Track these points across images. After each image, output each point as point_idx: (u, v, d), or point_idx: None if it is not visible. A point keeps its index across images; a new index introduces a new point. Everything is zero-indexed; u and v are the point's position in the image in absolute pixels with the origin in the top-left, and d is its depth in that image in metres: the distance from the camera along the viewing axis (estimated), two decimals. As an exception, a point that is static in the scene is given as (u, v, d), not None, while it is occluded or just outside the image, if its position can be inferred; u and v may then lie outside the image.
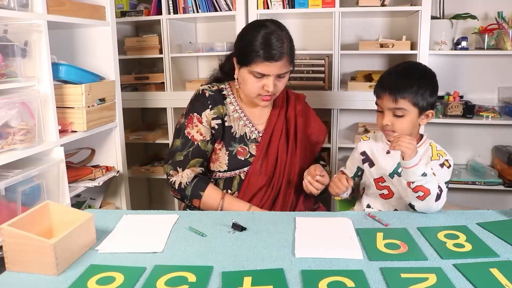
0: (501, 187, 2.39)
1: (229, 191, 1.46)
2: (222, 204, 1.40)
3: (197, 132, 1.45)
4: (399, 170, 1.35)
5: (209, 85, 1.53)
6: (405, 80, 1.28)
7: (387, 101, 1.29)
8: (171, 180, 1.44)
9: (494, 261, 0.94)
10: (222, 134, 1.47)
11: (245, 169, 1.46)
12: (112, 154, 2.09)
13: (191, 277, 0.89)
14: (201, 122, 1.45)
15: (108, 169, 2.02)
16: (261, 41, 1.34)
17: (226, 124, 1.47)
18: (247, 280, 0.88)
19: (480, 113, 2.42)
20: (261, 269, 0.93)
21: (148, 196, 2.93)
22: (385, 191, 1.41)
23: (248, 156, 1.46)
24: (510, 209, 1.23)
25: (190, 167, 1.43)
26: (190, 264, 0.95)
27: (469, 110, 2.40)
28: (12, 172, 1.45)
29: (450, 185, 2.40)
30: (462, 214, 1.21)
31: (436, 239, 1.05)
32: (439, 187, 1.23)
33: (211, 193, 1.41)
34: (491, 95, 2.57)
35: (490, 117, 2.40)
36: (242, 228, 1.12)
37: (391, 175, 1.38)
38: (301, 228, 1.13)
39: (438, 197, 1.21)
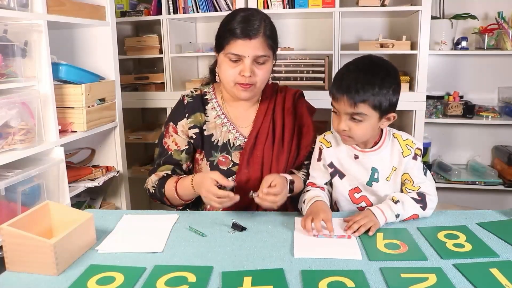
0: (501, 187, 2.39)
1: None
2: (177, 193, 1.31)
3: (172, 141, 1.41)
4: (376, 176, 1.22)
5: (192, 90, 1.46)
6: (366, 81, 1.10)
7: (344, 105, 1.12)
8: (144, 187, 1.44)
9: (494, 261, 0.94)
10: (202, 143, 1.39)
11: (229, 179, 1.32)
12: (112, 154, 2.09)
13: (191, 277, 0.89)
14: (176, 132, 1.40)
15: (108, 169, 2.02)
16: (236, 20, 1.29)
17: (205, 133, 1.39)
18: (247, 280, 0.87)
19: (480, 113, 2.43)
20: (261, 269, 0.93)
21: (148, 196, 2.93)
22: (363, 204, 1.25)
23: (231, 166, 1.36)
24: (510, 209, 1.23)
25: (156, 173, 1.41)
26: (190, 264, 0.95)
27: (469, 110, 2.40)
28: (12, 172, 1.45)
29: (450, 185, 2.41)
30: (462, 214, 1.21)
31: (436, 239, 1.05)
32: (419, 195, 1.17)
33: (168, 186, 1.34)
34: (491, 95, 2.57)
35: (490, 117, 2.40)
36: (242, 228, 1.12)
37: (369, 183, 1.22)
38: (300, 228, 1.12)
39: (424, 206, 1.16)
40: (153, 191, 1.38)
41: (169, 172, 1.39)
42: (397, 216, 1.14)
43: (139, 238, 1.09)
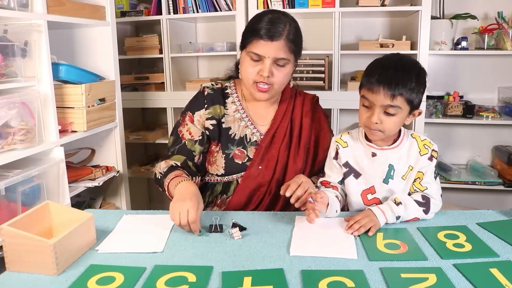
0: (501, 187, 2.39)
1: (225, 195, 1.41)
2: (169, 196, 1.30)
3: (187, 130, 1.41)
4: (392, 173, 1.22)
5: (213, 82, 1.48)
6: (403, 75, 1.14)
7: (382, 96, 1.13)
8: (152, 170, 1.42)
9: (494, 261, 0.94)
10: (219, 135, 1.40)
11: (243, 173, 1.39)
12: (112, 154, 2.09)
13: (191, 277, 0.89)
14: (192, 122, 1.41)
15: (108, 169, 2.02)
16: (263, 21, 1.31)
17: (224, 125, 1.40)
18: (247, 280, 0.88)
19: (480, 113, 2.43)
20: (261, 269, 0.93)
21: (148, 196, 2.93)
22: (373, 206, 1.21)
23: (246, 160, 1.38)
24: (510, 209, 1.23)
25: (166, 160, 1.40)
26: (190, 264, 0.95)
27: (469, 110, 2.40)
28: (12, 172, 1.45)
29: (450, 185, 2.41)
30: (462, 214, 1.21)
31: (436, 239, 1.05)
32: (424, 197, 1.18)
33: (167, 179, 1.31)
34: (491, 95, 2.57)
35: (490, 117, 2.40)
36: (242, 228, 1.12)
37: (386, 181, 1.22)
38: (299, 227, 1.13)
39: (427, 210, 1.16)
40: (159, 177, 1.37)
41: (179, 164, 1.38)
42: (398, 217, 1.14)
43: (139, 238, 1.09)
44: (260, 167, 1.38)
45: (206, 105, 1.41)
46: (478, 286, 0.84)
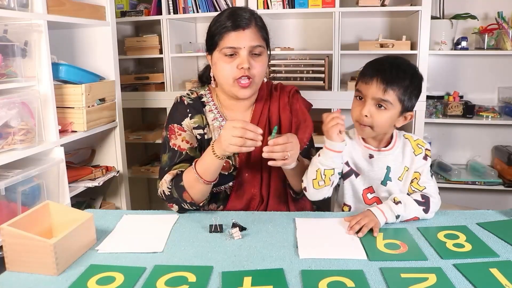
0: (501, 187, 2.39)
1: (214, 204, 1.37)
2: (197, 173, 1.21)
3: (182, 140, 1.31)
4: (390, 175, 1.23)
5: (188, 92, 1.41)
6: (399, 72, 1.16)
7: (375, 89, 1.15)
8: (158, 193, 1.30)
9: (494, 261, 0.94)
10: (205, 146, 1.32)
11: (230, 183, 1.35)
12: (112, 154, 2.09)
13: (191, 277, 0.89)
14: (184, 130, 1.33)
15: (108, 169, 2.02)
16: (225, 16, 1.29)
17: (206, 136, 1.34)
18: (247, 280, 0.88)
19: (480, 113, 2.43)
20: (261, 269, 0.93)
21: (148, 196, 2.93)
22: (375, 205, 1.21)
23: (232, 170, 1.33)
24: (510, 209, 1.23)
25: (171, 171, 1.29)
26: (190, 264, 0.95)
27: (469, 110, 2.40)
28: (12, 172, 1.45)
29: (450, 185, 2.41)
30: (462, 214, 1.21)
31: (436, 239, 1.05)
32: (423, 197, 1.18)
33: (187, 174, 1.24)
34: (491, 95, 2.57)
35: (490, 117, 2.40)
36: (242, 228, 1.12)
37: (384, 183, 1.23)
38: (302, 229, 1.12)
39: (427, 209, 1.16)
40: (169, 193, 1.25)
41: (182, 170, 1.28)
42: (398, 217, 1.14)
43: (139, 238, 1.09)
44: (246, 175, 1.34)
45: (190, 114, 1.34)
46: (478, 286, 0.84)
